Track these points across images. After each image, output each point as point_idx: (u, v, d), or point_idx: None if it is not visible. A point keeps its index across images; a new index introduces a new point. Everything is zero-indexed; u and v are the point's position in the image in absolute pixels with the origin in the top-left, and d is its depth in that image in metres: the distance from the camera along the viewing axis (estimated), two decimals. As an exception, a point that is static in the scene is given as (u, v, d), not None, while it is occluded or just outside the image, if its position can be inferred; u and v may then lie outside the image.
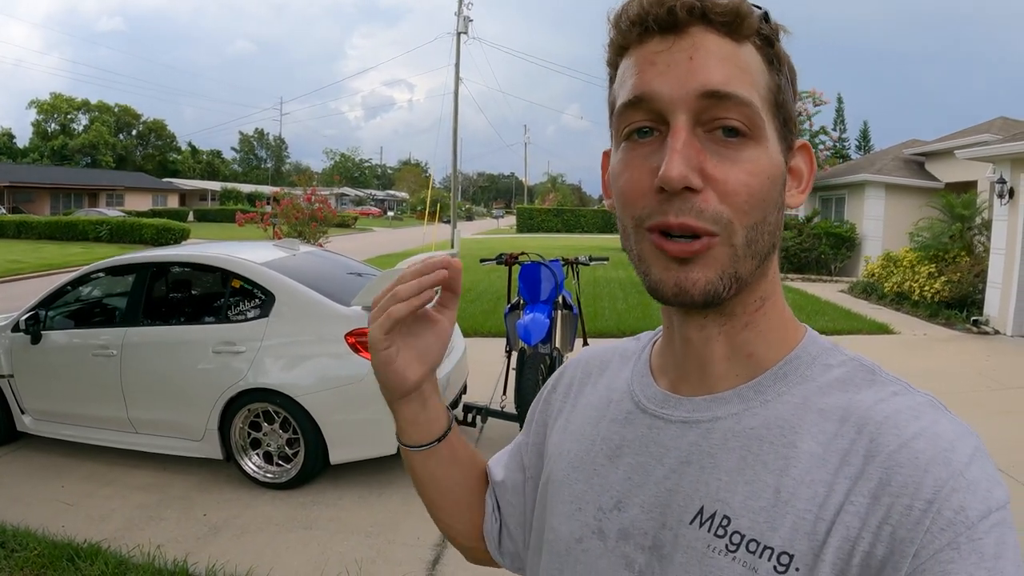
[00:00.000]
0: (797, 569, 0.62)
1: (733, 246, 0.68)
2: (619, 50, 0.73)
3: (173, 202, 61.89)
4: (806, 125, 21.68)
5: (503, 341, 6.25)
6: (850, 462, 0.64)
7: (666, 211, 0.67)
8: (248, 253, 5.58)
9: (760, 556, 0.64)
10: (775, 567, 0.63)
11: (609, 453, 0.81)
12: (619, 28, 0.72)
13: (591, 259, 6.07)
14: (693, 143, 0.66)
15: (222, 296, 5.44)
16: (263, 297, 5.15)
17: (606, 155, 0.83)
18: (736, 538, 0.66)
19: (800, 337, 0.77)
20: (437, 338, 0.90)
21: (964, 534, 0.57)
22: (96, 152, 73.13)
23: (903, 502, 0.59)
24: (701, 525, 0.69)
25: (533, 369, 5.10)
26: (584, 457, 0.84)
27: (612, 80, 0.76)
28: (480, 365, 7.16)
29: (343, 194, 79.29)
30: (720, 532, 0.68)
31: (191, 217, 51.40)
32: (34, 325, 5.62)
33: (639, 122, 0.69)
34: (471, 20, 33.38)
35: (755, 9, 0.70)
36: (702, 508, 0.70)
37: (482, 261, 6.41)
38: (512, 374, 5.72)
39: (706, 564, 0.67)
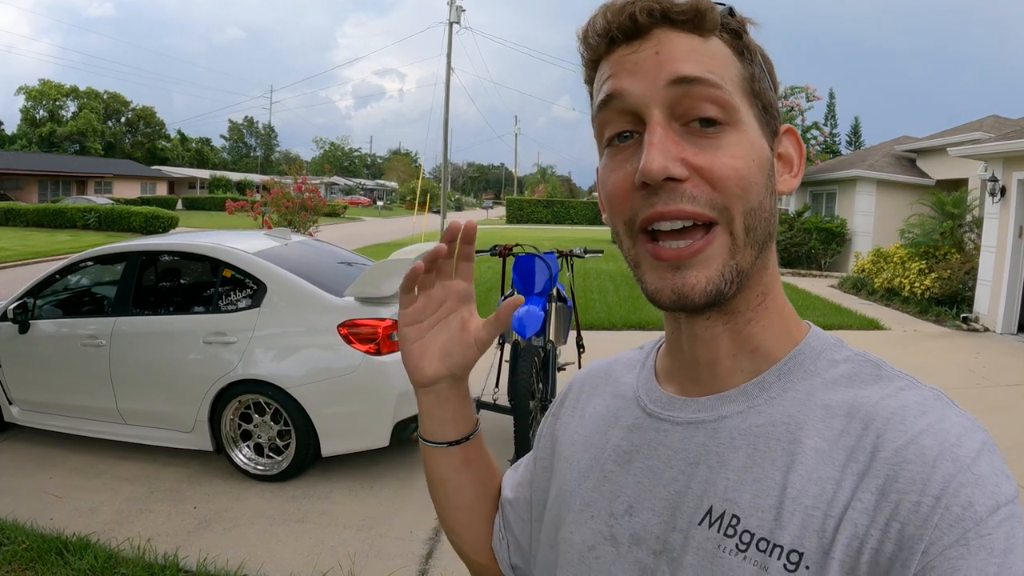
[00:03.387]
0: (807, 567, 0.61)
1: (732, 235, 0.68)
2: (592, 65, 0.75)
3: (162, 190, 61.45)
4: (798, 120, 21.71)
5: (496, 334, 6.21)
6: (857, 459, 0.63)
7: (654, 203, 0.67)
8: (239, 242, 5.53)
9: (770, 555, 0.64)
10: (785, 565, 0.63)
11: (619, 459, 0.81)
12: (588, 43, 0.74)
13: (586, 252, 6.04)
14: (670, 135, 0.67)
15: (213, 286, 5.39)
16: (254, 287, 5.11)
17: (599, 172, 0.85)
18: (746, 537, 0.66)
19: (804, 333, 0.77)
20: (463, 344, 0.89)
21: (973, 530, 0.57)
22: (85, 139, 72.59)
23: (911, 498, 0.59)
24: (711, 525, 0.69)
25: (527, 361, 5.07)
26: (593, 465, 0.84)
27: (593, 97, 0.77)
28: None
29: (333, 183, 78.97)
30: (730, 532, 0.67)
31: (180, 205, 51.17)
32: (22, 314, 5.55)
33: (617, 126, 0.71)
34: (463, 10, 33.24)
35: (718, 5, 0.71)
36: (711, 508, 0.69)
37: (475, 252, 6.37)
38: (505, 367, 5.70)
39: (717, 565, 0.67)
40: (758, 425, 0.70)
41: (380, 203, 77.95)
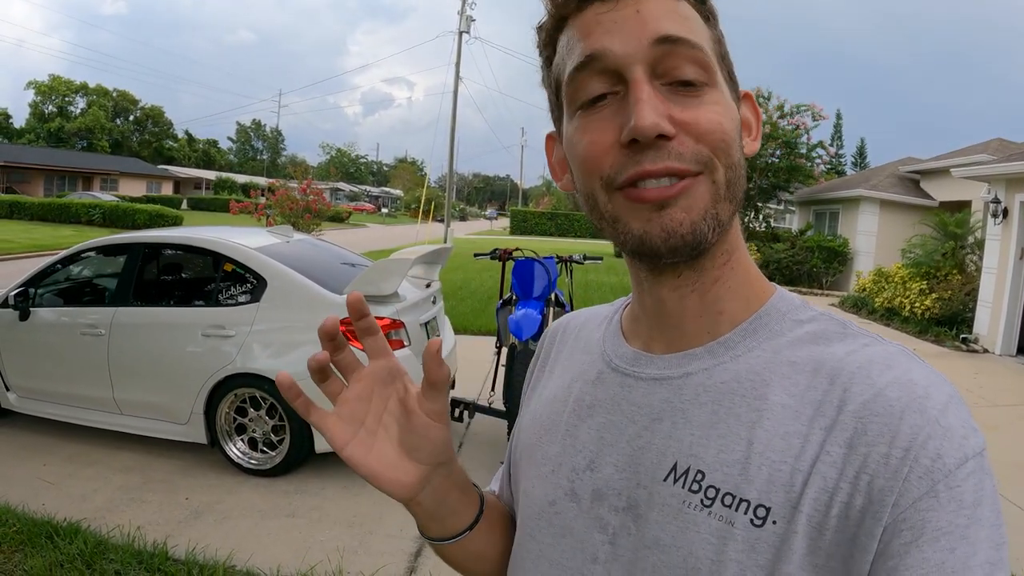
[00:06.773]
0: (774, 522, 0.61)
1: (715, 183, 0.67)
2: (557, 24, 0.73)
3: (167, 189, 61.59)
4: (804, 138, 21.69)
5: (492, 339, 6.23)
6: (824, 413, 0.63)
7: (640, 161, 0.66)
8: (241, 238, 5.55)
9: (736, 509, 0.63)
10: (752, 520, 0.62)
11: (581, 413, 0.80)
12: (555, 0, 0.72)
13: (585, 258, 6.06)
14: (656, 93, 0.66)
15: (213, 279, 5.41)
16: (255, 282, 5.12)
17: (550, 138, 0.83)
18: (711, 492, 0.65)
19: (770, 294, 0.77)
20: (420, 429, 0.76)
21: (942, 482, 0.57)
22: (92, 136, 72.93)
23: (880, 451, 0.59)
24: (675, 481, 0.68)
25: (523, 365, 5.07)
26: (556, 419, 0.83)
27: (549, 62, 0.76)
28: (469, 362, 7.14)
29: (338, 189, 79.05)
30: (695, 487, 0.67)
31: (184, 205, 51.23)
32: (23, 302, 5.58)
33: (595, 88, 0.69)
34: (473, 20, 33.34)
35: None
36: (675, 464, 0.69)
37: (476, 255, 6.40)
38: (502, 371, 5.71)
39: (682, 520, 0.66)
40: (723, 382, 0.70)
41: (384, 210, 78.01)
